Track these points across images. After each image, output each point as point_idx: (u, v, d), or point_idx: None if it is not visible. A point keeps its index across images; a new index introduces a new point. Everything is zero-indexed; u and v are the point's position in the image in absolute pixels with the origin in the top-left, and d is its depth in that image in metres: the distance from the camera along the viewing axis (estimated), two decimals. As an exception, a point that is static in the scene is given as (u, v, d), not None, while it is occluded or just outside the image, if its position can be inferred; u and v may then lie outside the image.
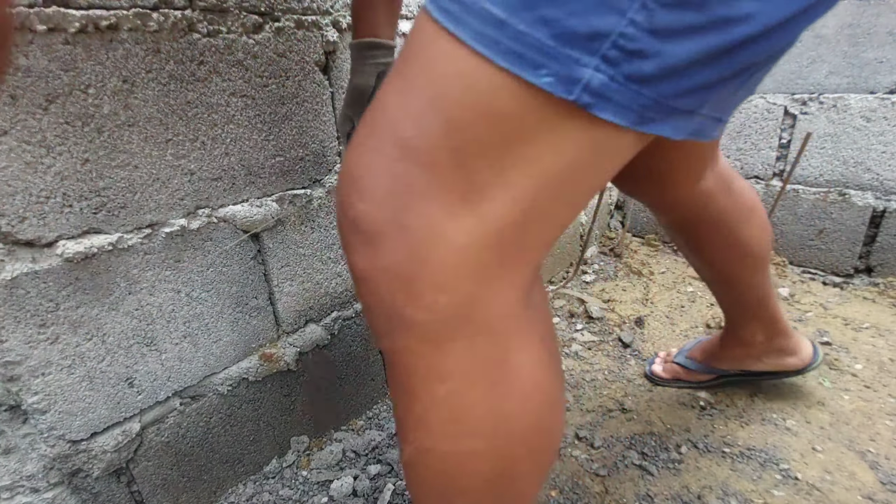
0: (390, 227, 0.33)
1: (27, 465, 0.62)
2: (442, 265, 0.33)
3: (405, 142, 0.32)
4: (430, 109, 0.31)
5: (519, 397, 0.39)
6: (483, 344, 0.36)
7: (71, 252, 0.60)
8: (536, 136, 0.31)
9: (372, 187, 0.34)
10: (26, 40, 0.53)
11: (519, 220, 0.33)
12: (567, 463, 0.90)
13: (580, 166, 0.33)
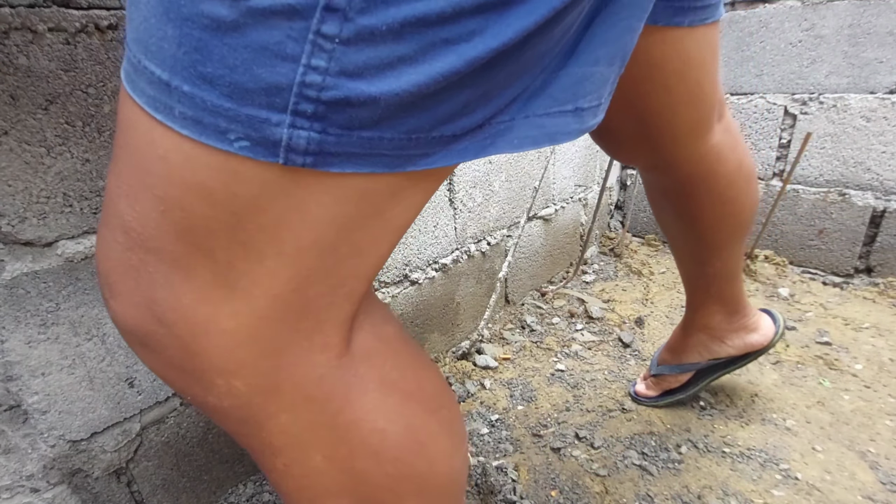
0: (151, 326, 0.30)
1: (27, 465, 0.62)
2: (220, 353, 0.30)
3: (128, 228, 0.28)
4: (142, 190, 0.27)
5: (366, 452, 0.36)
6: (304, 412, 0.34)
7: (71, 252, 0.60)
8: (268, 206, 0.27)
9: (118, 284, 0.30)
10: (26, 40, 0.53)
11: (293, 289, 0.30)
12: (567, 463, 0.90)
13: (348, 223, 0.29)
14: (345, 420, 0.35)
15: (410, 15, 0.22)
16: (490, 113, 0.28)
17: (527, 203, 1.37)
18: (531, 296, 1.52)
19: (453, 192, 1.16)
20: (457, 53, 0.24)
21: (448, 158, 0.28)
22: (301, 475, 0.36)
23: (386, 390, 0.37)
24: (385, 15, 0.22)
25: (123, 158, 0.28)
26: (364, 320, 0.37)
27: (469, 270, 1.27)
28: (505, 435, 0.97)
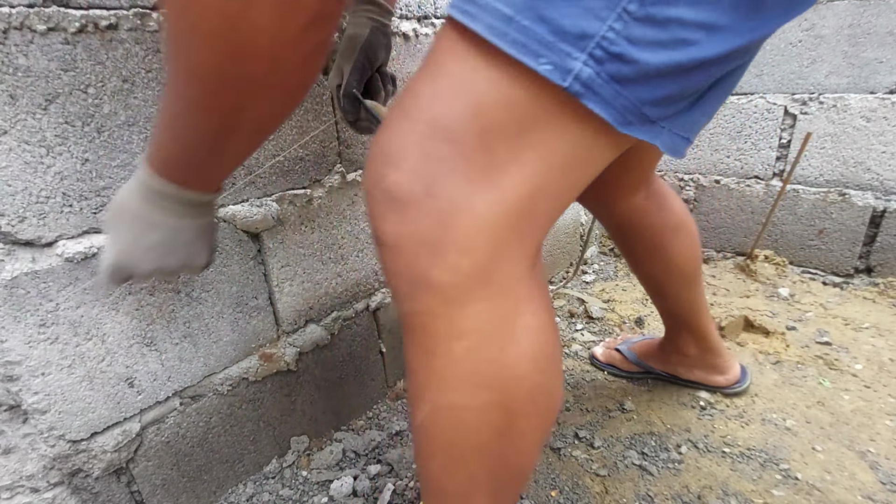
0: (420, 196, 0.38)
1: (27, 465, 0.62)
2: (466, 231, 0.38)
3: (436, 122, 0.37)
4: (459, 96, 0.37)
5: (528, 356, 0.43)
6: (499, 305, 0.41)
7: (71, 252, 0.60)
8: (543, 124, 0.37)
9: (405, 161, 0.38)
10: (26, 40, 0.53)
11: (531, 195, 0.39)
12: (567, 463, 0.90)
13: (577, 156, 0.39)
14: (524, 323, 0.43)
15: (675, 15, 0.33)
16: (666, 114, 0.39)
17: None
18: (531, 296, 1.52)
19: (453, 192, 1.16)
20: (686, 52, 0.34)
21: (641, 133, 0.38)
22: (474, 362, 0.42)
23: (548, 313, 0.45)
24: (665, 10, 0.33)
25: (446, 75, 0.38)
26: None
27: (469, 270, 1.26)
28: (505, 435, 0.97)
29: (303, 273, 0.87)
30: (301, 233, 0.86)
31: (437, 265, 0.38)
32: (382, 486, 0.81)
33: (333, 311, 0.95)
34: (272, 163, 0.79)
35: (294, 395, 0.92)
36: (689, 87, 0.38)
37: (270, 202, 0.80)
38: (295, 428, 0.94)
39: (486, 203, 0.38)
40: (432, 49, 0.39)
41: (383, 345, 1.07)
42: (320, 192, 0.87)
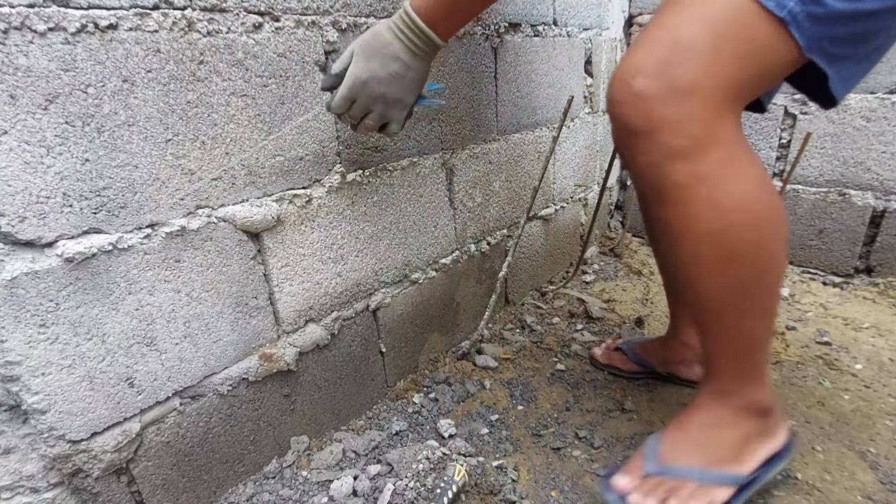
0: (664, 90, 0.56)
1: (27, 465, 0.62)
2: (699, 105, 0.56)
3: (678, 41, 0.56)
4: (699, 19, 0.56)
5: (756, 182, 0.61)
6: (725, 152, 0.59)
7: (71, 252, 0.60)
8: (759, 41, 0.55)
9: (649, 70, 0.57)
10: (26, 40, 0.53)
11: (741, 84, 0.58)
12: (567, 463, 0.90)
13: (773, 64, 0.58)
14: (747, 161, 0.61)
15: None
16: (839, 53, 0.58)
17: (527, 203, 1.37)
18: (531, 296, 1.52)
19: (453, 192, 1.16)
20: (864, 3, 0.53)
21: (818, 59, 0.57)
22: (716, 196, 0.59)
23: (755, 155, 0.63)
24: None
25: (689, 6, 0.57)
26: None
27: (469, 270, 1.27)
28: (505, 435, 0.97)
29: (303, 273, 0.87)
30: (301, 233, 0.86)
31: (678, 136, 0.57)
32: (382, 485, 0.81)
33: (333, 311, 0.95)
34: (272, 162, 0.79)
35: (294, 395, 0.92)
36: (861, 33, 0.56)
37: (270, 202, 0.80)
38: (295, 428, 0.94)
39: (712, 85, 0.56)
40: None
41: (383, 345, 1.07)
42: (320, 192, 0.87)
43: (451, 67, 1.06)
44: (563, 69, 1.43)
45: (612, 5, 1.63)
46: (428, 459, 0.85)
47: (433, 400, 1.07)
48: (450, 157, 1.12)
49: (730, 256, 0.61)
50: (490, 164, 1.24)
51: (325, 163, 0.87)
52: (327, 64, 0.83)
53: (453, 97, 1.09)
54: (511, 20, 1.20)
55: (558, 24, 1.38)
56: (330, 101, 0.70)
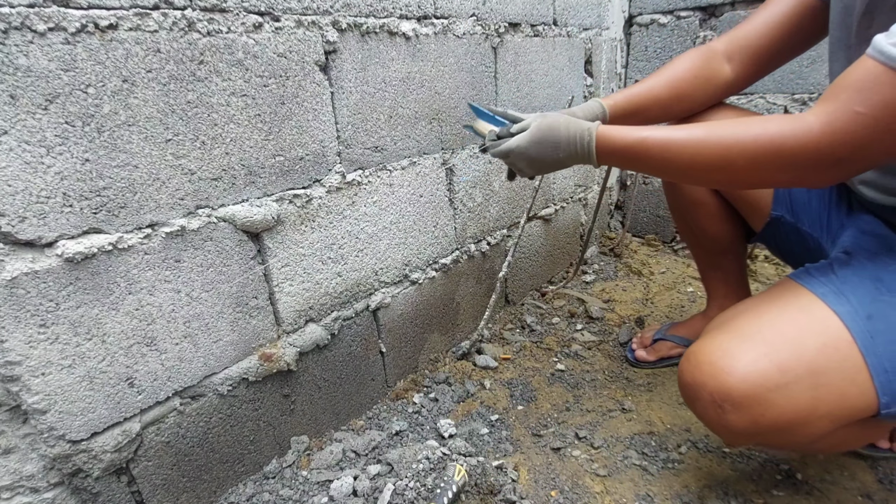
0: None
1: (27, 465, 0.62)
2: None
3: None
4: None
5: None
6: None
7: (71, 252, 0.60)
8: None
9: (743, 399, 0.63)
10: (26, 40, 0.53)
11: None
12: (567, 463, 0.90)
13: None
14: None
15: None
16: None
17: (527, 203, 1.36)
18: (531, 296, 1.52)
19: (453, 192, 1.16)
20: None
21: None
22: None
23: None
24: None
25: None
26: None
27: (469, 270, 1.27)
28: (505, 435, 0.97)
29: (303, 273, 0.87)
30: (301, 233, 0.86)
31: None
32: (382, 485, 0.81)
33: (333, 311, 0.95)
34: (272, 162, 0.79)
35: (294, 395, 0.92)
36: None
37: (270, 202, 0.80)
38: (295, 428, 0.94)
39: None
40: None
41: (383, 345, 1.07)
42: (320, 192, 0.87)
43: (451, 67, 1.06)
44: (563, 69, 1.43)
45: (612, 5, 1.63)
46: (428, 459, 0.85)
47: (433, 400, 1.07)
48: (450, 157, 1.12)
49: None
50: (490, 164, 1.24)
51: (325, 163, 0.87)
52: (328, 64, 0.83)
53: (453, 97, 1.09)
54: (511, 20, 1.20)
55: (558, 24, 1.38)
56: (489, 146, 0.79)
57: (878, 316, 0.60)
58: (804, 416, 0.60)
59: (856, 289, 0.63)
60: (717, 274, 1.09)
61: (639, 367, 1.17)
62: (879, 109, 0.51)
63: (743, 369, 0.60)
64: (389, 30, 0.91)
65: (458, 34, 1.06)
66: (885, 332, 0.59)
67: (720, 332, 0.66)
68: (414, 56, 0.97)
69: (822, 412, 0.60)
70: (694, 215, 1.02)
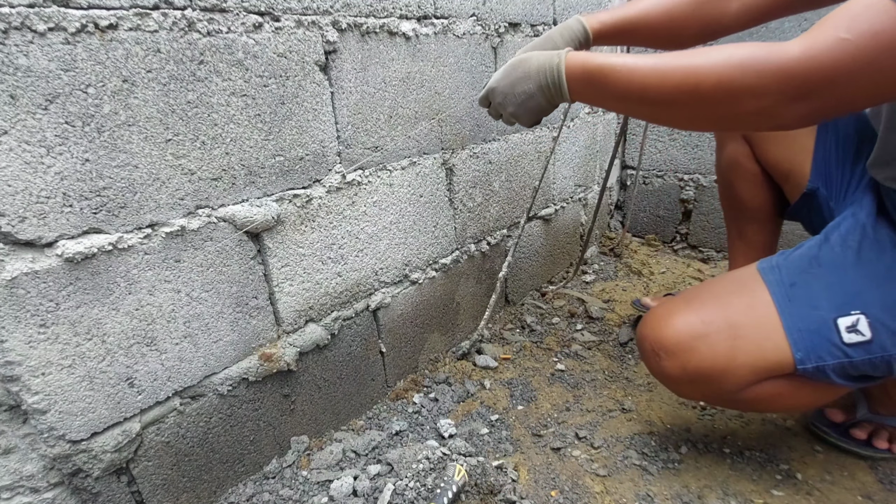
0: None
1: (27, 465, 0.62)
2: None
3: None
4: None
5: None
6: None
7: (71, 252, 0.60)
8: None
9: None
10: (26, 40, 0.53)
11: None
12: (567, 463, 0.90)
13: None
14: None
15: None
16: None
17: (527, 203, 1.37)
18: (531, 296, 1.52)
19: (453, 192, 1.16)
20: None
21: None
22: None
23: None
24: None
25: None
26: None
27: (469, 270, 1.27)
28: (505, 435, 0.97)
29: (303, 273, 0.87)
30: (301, 233, 0.86)
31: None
32: (382, 485, 0.81)
33: (333, 311, 0.95)
34: (272, 162, 0.79)
35: (294, 395, 0.92)
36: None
37: (270, 202, 0.80)
38: (295, 428, 0.94)
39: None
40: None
41: (383, 345, 1.07)
42: (320, 192, 0.87)
43: (451, 67, 1.06)
44: (563, 69, 1.43)
45: (612, 5, 1.63)
46: (428, 459, 0.85)
47: (433, 400, 1.07)
48: (450, 157, 1.12)
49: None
50: (490, 164, 1.24)
51: (325, 163, 0.87)
52: (328, 64, 0.83)
53: (453, 97, 1.09)
54: (511, 20, 1.20)
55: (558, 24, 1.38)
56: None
57: (800, 284, 0.70)
58: (724, 363, 0.70)
59: (792, 263, 0.73)
60: (740, 245, 1.11)
61: (643, 310, 1.27)
62: (866, 38, 0.47)
63: (675, 323, 0.73)
64: (389, 30, 0.91)
65: (458, 34, 1.06)
66: (802, 297, 0.69)
67: (673, 298, 0.79)
68: (414, 56, 0.97)
69: (740, 362, 0.69)
70: (732, 177, 1.05)
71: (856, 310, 0.66)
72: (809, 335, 0.67)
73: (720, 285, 0.77)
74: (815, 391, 0.73)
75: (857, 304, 0.66)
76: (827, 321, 0.67)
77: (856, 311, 0.66)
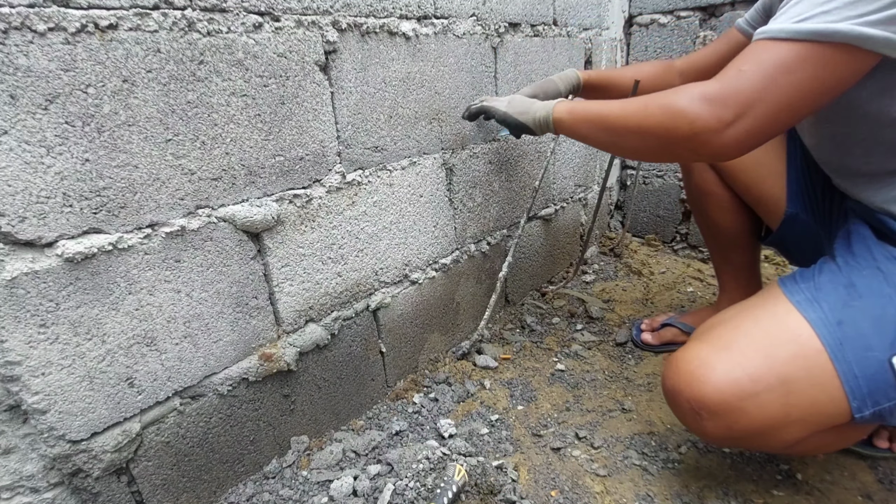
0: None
1: (27, 465, 0.62)
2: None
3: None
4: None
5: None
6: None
7: (71, 252, 0.60)
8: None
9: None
10: (26, 40, 0.53)
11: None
12: (567, 463, 0.90)
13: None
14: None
15: None
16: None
17: (527, 203, 1.37)
18: (531, 296, 1.52)
19: (453, 192, 1.16)
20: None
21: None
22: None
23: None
24: None
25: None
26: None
27: (469, 270, 1.27)
28: (505, 435, 0.97)
29: (303, 273, 0.87)
30: (301, 233, 0.86)
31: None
32: (382, 485, 0.81)
33: (333, 311, 0.95)
34: (272, 162, 0.79)
35: (294, 395, 0.92)
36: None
37: (270, 202, 0.80)
38: (295, 428, 0.94)
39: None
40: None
41: (383, 345, 1.07)
42: (320, 192, 0.87)
43: (451, 67, 1.06)
44: (563, 69, 1.43)
45: (612, 5, 1.63)
46: (428, 459, 0.85)
47: (433, 400, 1.07)
48: (450, 157, 1.12)
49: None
50: (490, 164, 1.24)
51: (325, 163, 0.87)
52: (328, 64, 0.83)
53: (453, 97, 1.09)
54: (511, 20, 1.20)
55: (558, 24, 1.38)
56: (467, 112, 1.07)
57: (847, 322, 0.62)
58: (776, 423, 0.63)
59: (829, 295, 0.65)
60: (727, 268, 1.13)
61: (642, 349, 1.22)
62: (766, 66, 0.57)
63: (717, 380, 0.63)
64: (389, 30, 0.91)
65: (458, 34, 1.06)
66: (854, 338, 0.61)
67: (700, 341, 0.69)
68: (414, 56, 0.97)
69: (794, 418, 0.62)
70: (704, 205, 1.08)
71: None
72: (866, 381, 0.60)
73: (754, 325, 0.67)
74: (861, 432, 0.71)
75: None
76: (882, 362, 0.60)
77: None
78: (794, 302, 0.66)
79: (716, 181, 1.03)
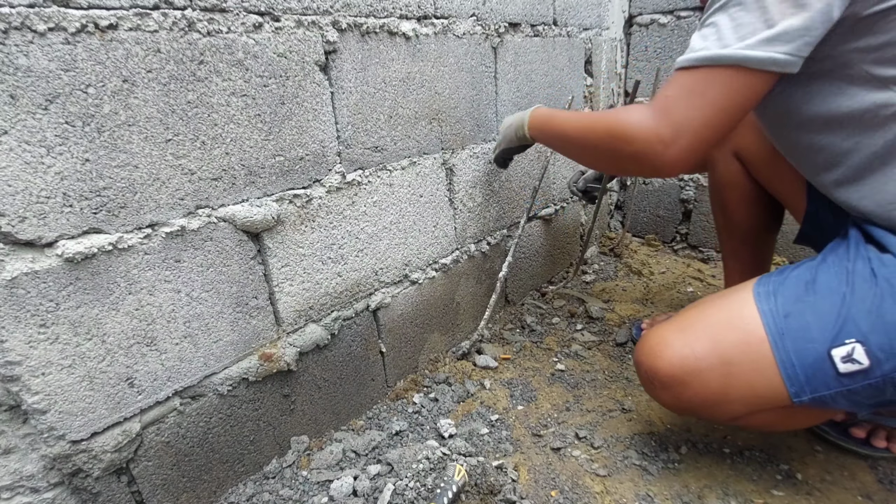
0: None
1: (27, 465, 0.62)
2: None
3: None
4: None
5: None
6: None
7: (71, 252, 0.60)
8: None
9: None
10: (26, 40, 0.53)
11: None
12: (567, 463, 0.90)
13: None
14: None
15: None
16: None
17: (527, 203, 1.37)
18: (531, 296, 1.52)
19: (453, 192, 1.16)
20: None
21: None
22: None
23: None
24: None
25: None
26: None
27: (469, 270, 1.27)
28: (505, 435, 0.97)
29: (303, 273, 0.87)
30: (301, 233, 0.86)
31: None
32: (382, 485, 0.81)
33: (333, 311, 0.95)
34: (272, 162, 0.79)
35: (294, 395, 0.92)
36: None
37: (270, 202, 0.80)
38: (295, 428, 0.94)
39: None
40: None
41: (383, 345, 1.07)
42: (320, 192, 0.87)
43: (451, 67, 1.06)
44: (562, 69, 1.43)
45: (612, 5, 1.63)
46: (428, 459, 0.85)
47: (433, 400, 1.07)
48: (450, 157, 1.12)
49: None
50: (490, 164, 1.24)
51: (325, 163, 0.87)
52: (328, 64, 0.83)
53: (453, 97, 1.09)
54: (511, 20, 1.20)
55: (558, 24, 1.38)
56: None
57: (794, 314, 0.68)
58: (717, 398, 0.71)
59: (788, 289, 0.71)
60: (735, 264, 1.14)
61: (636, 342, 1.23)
62: (685, 90, 0.65)
63: (669, 355, 0.73)
64: (389, 30, 0.91)
65: (458, 34, 1.06)
66: (796, 330, 0.67)
67: (668, 322, 0.78)
68: (414, 56, 0.97)
69: (733, 397, 0.71)
70: (725, 197, 1.08)
71: (850, 338, 0.64)
72: (804, 370, 0.66)
73: (715, 312, 0.75)
74: (810, 415, 0.74)
75: (851, 331, 0.64)
76: (822, 354, 0.65)
77: (850, 339, 0.64)
78: (754, 294, 0.73)
79: (741, 171, 1.04)
